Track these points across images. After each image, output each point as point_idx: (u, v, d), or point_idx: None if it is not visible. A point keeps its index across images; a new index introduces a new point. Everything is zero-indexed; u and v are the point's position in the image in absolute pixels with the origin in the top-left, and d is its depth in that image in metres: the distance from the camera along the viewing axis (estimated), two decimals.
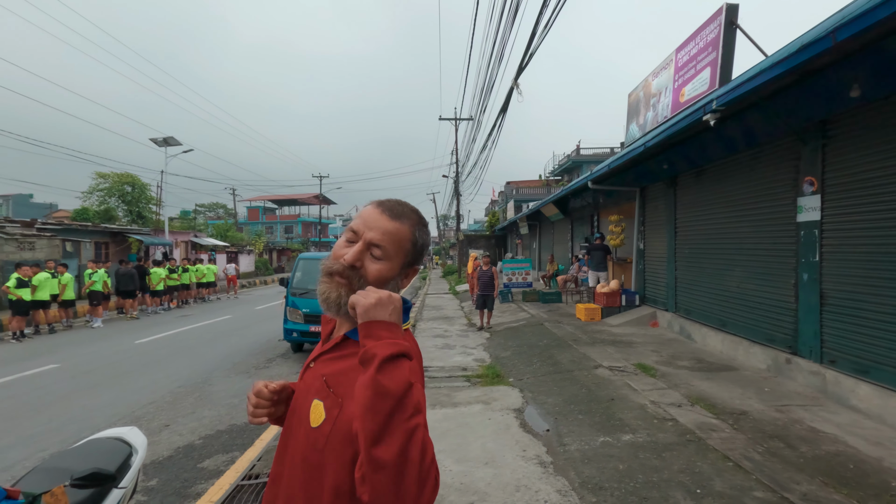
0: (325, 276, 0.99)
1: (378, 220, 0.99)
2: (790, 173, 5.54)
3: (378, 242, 0.98)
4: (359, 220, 1.01)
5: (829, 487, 3.09)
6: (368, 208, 1.03)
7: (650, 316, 9.37)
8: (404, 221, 1.02)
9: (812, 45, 3.66)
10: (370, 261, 0.98)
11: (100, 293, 12.06)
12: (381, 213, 1.01)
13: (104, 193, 27.32)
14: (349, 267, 0.96)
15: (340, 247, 1.00)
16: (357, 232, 0.99)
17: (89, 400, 5.75)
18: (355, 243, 0.99)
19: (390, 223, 1.00)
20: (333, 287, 0.97)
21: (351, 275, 0.97)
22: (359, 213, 1.03)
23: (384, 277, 0.99)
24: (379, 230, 0.98)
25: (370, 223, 0.99)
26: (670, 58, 9.05)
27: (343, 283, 0.97)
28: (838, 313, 4.85)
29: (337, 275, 0.98)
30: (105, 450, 2.36)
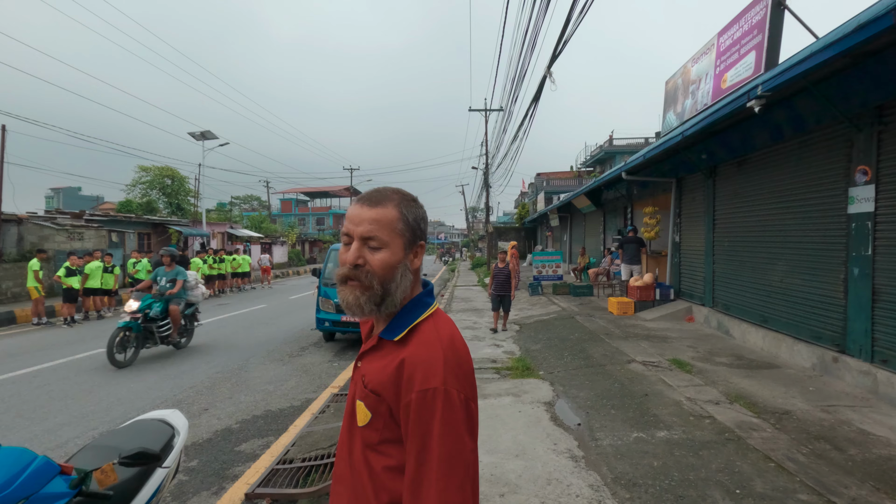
0: (339, 284, 1.03)
1: (361, 213, 1.02)
2: (841, 162, 5.24)
3: (369, 234, 1.00)
4: (346, 221, 1.04)
5: (880, 493, 2.94)
6: (351, 208, 1.05)
7: (686, 311, 9.10)
8: (386, 205, 1.04)
9: (870, 24, 3.43)
10: (370, 254, 1.00)
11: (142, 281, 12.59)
12: (362, 206, 1.03)
13: (146, 186, 28.49)
14: (353, 267, 1.00)
15: (342, 253, 1.03)
16: (349, 233, 1.02)
17: (135, 383, 6.03)
18: (350, 245, 1.02)
19: (372, 211, 1.02)
20: (349, 291, 1.01)
21: (358, 274, 1.00)
22: (346, 216, 1.05)
23: (389, 264, 1.01)
24: (365, 222, 1.01)
25: (355, 219, 1.02)
26: (711, 42, 8.67)
27: (356, 285, 1.00)
28: (893, 310, 4.58)
29: (348, 279, 1.01)
30: (150, 430, 2.46)
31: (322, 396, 5.58)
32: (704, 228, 8.58)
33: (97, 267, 11.45)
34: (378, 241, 1.01)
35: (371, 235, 1.00)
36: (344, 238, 1.04)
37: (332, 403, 5.15)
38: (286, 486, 3.44)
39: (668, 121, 10.90)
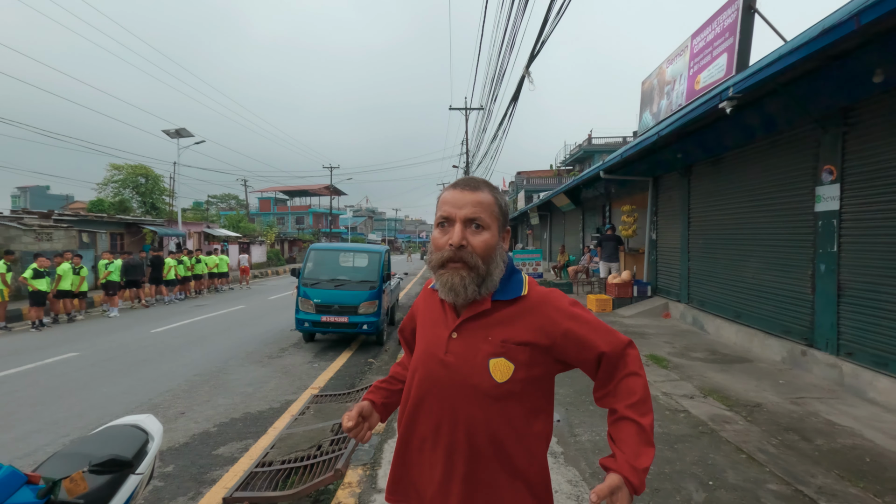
0: (438, 268, 1.08)
1: (462, 196, 1.08)
2: (809, 162, 5.42)
3: (473, 216, 1.06)
4: (445, 206, 1.09)
5: (845, 481, 3.06)
6: (448, 193, 1.11)
7: (662, 307, 9.29)
8: (483, 189, 1.11)
9: (835, 28, 3.55)
10: (472, 235, 1.06)
11: (116, 283, 12.28)
12: (462, 191, 1.09)
13: (119, 185, 27.68)
14: (458, 248, 1.05)
15: (438, 238, 1.09)
16: (449, 217, 1.07)
17: (109, 387, 5.87)
18: (450, 228, 1.08)
19: (473, 195, 1.08)
20: (453, 273, 1.06)
21: (462, 254, 1.05)
22: (441, 201, 1.11)
23: (490, 245, 1.08)
24: (468, 205, 1.07)
25: (457, 202, 1.07)
26: (685, 44, 8.85)
27: (459, 266, 1.06)
28: (856, 304, 4.76)
29: (450, 261, 1.06)
30: (123, 436, 2.40)
31: (302, 397, 5.53)
32: (680, 226, 8.77)
33: (67, 269, 11.11)
34: (481, 221, 1.07)
35: (474, 217, 1.06)
36: (440, 221, 1.09)
37: (312, 405, 5.10)
38: (265, 489, 3.40)
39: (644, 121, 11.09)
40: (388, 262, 9.39)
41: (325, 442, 4.02)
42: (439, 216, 1.09)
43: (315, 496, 3.38)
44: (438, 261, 1.08)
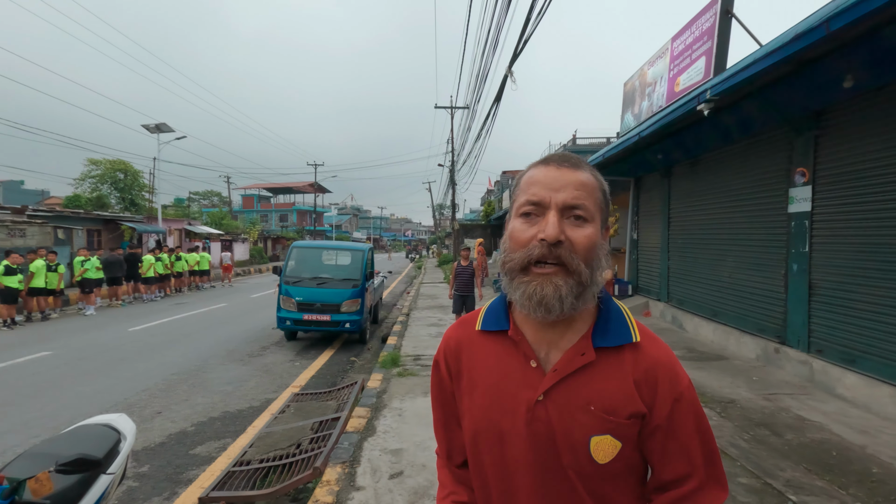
0: (520, 273, 0.79)
1: (563, 176, 0.79)
2: (783, 164, 5.55)
3: (576, 202, 0.77)
4: (534, 187, 0.80)
5: (812, 474, 3.15)
6: (540, 170, 0.82)
7: (643, 306, 9.42)
8: (585, 169, 0.82)
9: (806, 34, 3.64)
10: (572, 229, 0.77)
11: (92, 280, 12.00)
12: (561, 168, 0.80)
13: (96, 180, 27.04)
14: (554, 244, 0.75)
15: (522, 232, 0.79)
16: (540, 201, 0.78)
17: (83, 387, 5.75)
18: (538, 218, 0.78)
19: (576, 174, 0.80)
20: (545, 280, 0.76)
21: (560, 253, 0.75)
22: (528, 180, 0.82)
23: (595, 243, 0.79)
24: (570, 187, 0.78)
25: (555, 184, 0.78)
26: (666, 46, 9.00)
27: (555, 271, 0.76)
28: (826, 303, 4.90)
29: (540, 262, 0.77)
30: (93, 436, 2.36)
31: (283, 396, 5.49)
32: (660, 226, 8.90)
33: (41, 266, 10.83)
34: (585, 211, 0.78)
35: (578, 204, 0.78)
36: (526, 208, 0.80)
37: (293, 403, 5.07)
38: (243, 489, 3.37)
39: (626, 121, 11.23)
40: (372, 261, 9.36)
41: (305, 440, 4.00)
42: (524, 201, 0.80)
43: (293, 494, 3.36)
44: (522, 262, 0.78)
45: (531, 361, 0.83)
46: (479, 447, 0.87)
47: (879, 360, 4.24)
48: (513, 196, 0.86)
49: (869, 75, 4.16)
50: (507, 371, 0.85)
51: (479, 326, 0.91)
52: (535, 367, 0.83)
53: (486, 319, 0.91)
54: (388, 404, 4.71)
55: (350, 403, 4.75)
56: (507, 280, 0.83)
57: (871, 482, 3.04)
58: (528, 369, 0.83)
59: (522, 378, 0.83)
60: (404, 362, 6.28)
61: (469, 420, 0.88)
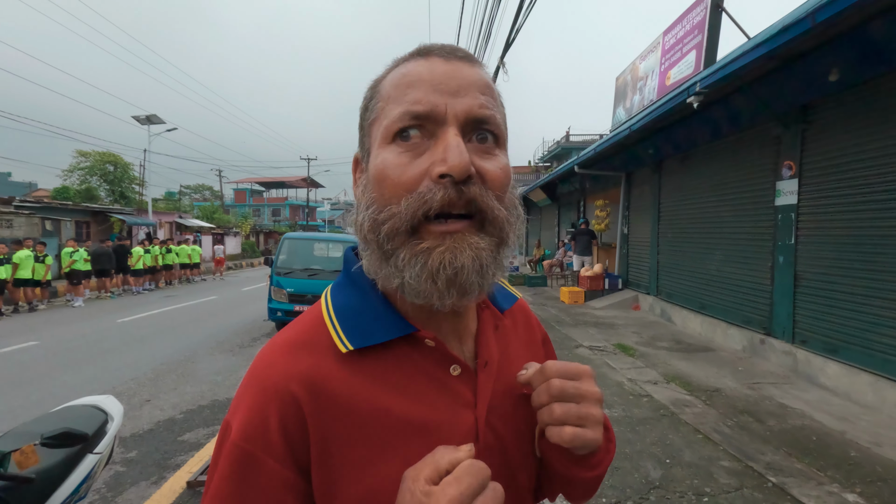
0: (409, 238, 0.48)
1: (458, 73, 0.50)
2: (771, 158, 5.62)
3: (484, 113, 0.50)
4: (417, 90, 0.49)
5: (791, 458, 3.22)
6: (419, 65, 0.51)
7: (633, 299, 9.51)
8: (482, 66, 0.55)
9: (792, 26, 3.69)
10: (482, 156, 0.50)
11: (81, 272, 11.89)
12: (451, 62, 0.51)
13: (85, 172, 26.75)
14: (464, 181, 0.47)
15: (402, 167, 0.48)
16: (431, 113, 0.48)
17: (70, 376, 5.71)
18: (425, 142, 0.49)
19: (477, 71, 0.53)
20: (457, 244, 0.47)
21: (474, 195, 0.48)
22: (402, 82, 0.51)
23: (510, 177, 0.53)
24: (475, 89, 0.50)
25: (450, 84, 0.49)
26: (657, 41, 9.05)
27: (465, 226, 0.48)
28: (811, 295, 4.98)
29: (445, 216, 0.48)
30: (80, 416, 2.36)
31: None
32: (651, 221, 8.97)
33: (26, 256, 10.70)
34: (496, 128, 0.52)
35: (487, 116, 0.50)
36: (408, 126, 0.49)
37: None
38: None
39: (618, 116, 11.29)
40: None
41: None
42: (402, 113, 0.49)
43: None
44: (413, 215, 0.47)
45: (451, 368, 0.55)
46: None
47: (860, 349, 4.33)
48: (368, 114, 0.54)
49: (853, 70, 4.22)
50: (424, 400, 0.53)
51: (350, 346, 0.52)
52: (458, 374, 0.55)
53: (356, 332, 0.53)
54: None
55: None
56: (377, 253, 0.51)
57: (848, 465, 3.12)
58: (451, 380, 0.55)
59: (448, 398, 0.54)
60: None
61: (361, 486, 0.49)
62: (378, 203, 0.49)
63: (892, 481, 2.92)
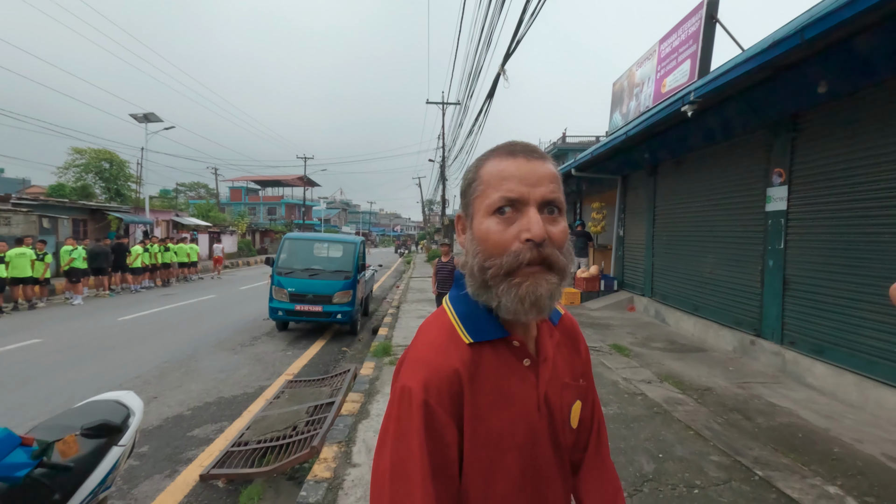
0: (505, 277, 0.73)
1: (536, 169, 0.75)
2: (762, 164, 5.80)
3: (552, 196, 0.74)
4: (508, 182, 0.74)
5: (778, 453, 3.38)
6: (509, 163, 0.75)
7: (628, 300, 9.69)
8: (550, 160, 0.78)
9: (782, 41, 3.86)
10: (550, 224, 0.74)
11: (80, 270, 11.94)
12: (531, 161, 0.75)
13: (80, 169, 26.64)
14: (539, 244, 0.72)
15: (500, 233, 0.73)
16: (519, 198, 0.73)
17: (74, 374, 5.80)
18: (516, 215, 0.74)
19: (548, 167, 0.77)
20: (537, 281, 0.72)
21: (547, 253, 0.72)
22: (498, 174, 0.75)
23: (566, 236, 0.77)
24: (546, 181, 0.74)
25: (531, 178, 0.74)
26: (654, 48, 9.23)
27: (540, 270, 0.73)
28: (799, 297, 5.16)
29: (530, 264, 0.72)
30: (105, 410, 2.48)
31: (276, 383, 5.61)
32: (646, 223, 9.15)
33: (17, 254, 10.70)
34: (559, 204, 0.76)
35: (554, 198, 0.75)
36: (500, 204, 0.74)
37: (287, 389, 5.20)
38: (242, 467, 3.51)
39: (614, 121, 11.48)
40: (364, 253, 9.48)
41: (301, 423, 4.14)
42: (499, 198, 0.73)
43: (290, 473, 3.50)
44: (511, 266, 0.72)
45: (524, 360, 0.81)
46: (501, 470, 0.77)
47: (846, 350, 4.51)
48: (471, 190, 0.79)
49: (841, 82, 4.40)
50: (509, 379, 0.80)
51: (471, 339, 0.78)
52: (528, 365, 0.82)
53: (473, 330, 0.79)
54: (381, 390, 4.87)
55: (344, 389, 4.90)
56: (481, 287, 0.76)
57: (832, 460, 3.29)
58: (523, 369, 0.81)
59: (523, 380, 0.81)
60: (395, 352, 6.43)
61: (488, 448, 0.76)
62: (483, 254, 0.75)
63: (870, 475, 3.09)
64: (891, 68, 3.94)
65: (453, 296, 0.85)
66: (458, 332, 0.79)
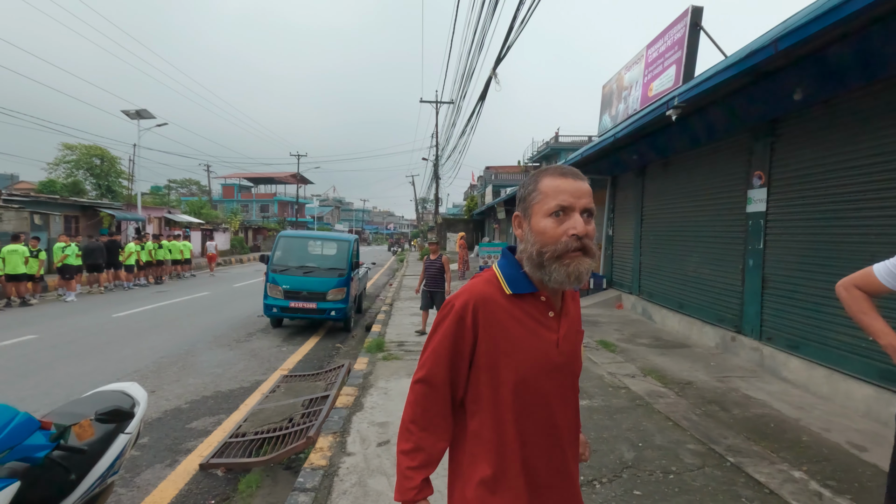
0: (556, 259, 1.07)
1: (581, 187, 1.10)
2: (743, 167, 6.01)
3: (590, 206, 1.10)
4: (562, 195, 1.08)
5: (750, 441, 3.58)
6: (562, 181, 1.10)
7: (616, 298, 9.90)
8: (587, 180, 1.14)
9: (758, 51, 4.05)
10: (587, 224, 1.08)
11: (73, 267, 11.96)
12: (577, 181, 1.11)
13: (71, 166, 26.51)
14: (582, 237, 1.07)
15: (552, 228, 1.08)
16: (569, 206, 1.07)
17: (73, 368, 5.90)
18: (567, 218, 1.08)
19: (587, 185, 1.12)
20: (582, 261, 1.08)
21: (586, 243, 1.08)
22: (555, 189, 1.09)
23: (595, 232, 1.13)
24: (586, 196, 1.10)
25: (577, 192, 1.08)
26: (641, 53, 9.43)
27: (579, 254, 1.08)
28: (776, 296, 5.38)
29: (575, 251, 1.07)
30: (112, 400, 2.61)
31: (272, 378, 5.75)
32: (634, 223, 9.37)
33: (12, 250, 10.72)
34: (593, 211, 1.11)
35: (591, 207, 1.10)
36: (555, 209, 1.08)
37: (283, 384, 5.34)
38: (240, 457, 3.65)
39: (603, 122, 11.68)
40: (357, 251, 9.61)
41: (297, 415, 4.29)
42: (555, 205, 1.08)
43: (287, 463, 3.65)
44: (562, 250, 1.06)
45: (549, 312, 1.16)
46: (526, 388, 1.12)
47: (818, 345, 4.73)
48: (531, 198, 1.13)
49: (815, 90, 4.60)
50: (536, 323, 1.14)
51: (511, 290, 1.14)
52: (552, 316, 1.16)
53: (513, 285, 1.14)
54: (375, 384, 5.02)
55: (338, 384, 5.05)
56: (537, 266, 1.10)
57: (800, 447, 3.49)
58: (547, 318, 1.16)
59: (546, 325, 1.15)
60: (389, 348, 6.59)
61: (513, 369, 1.11)
62: (540, 243, 1.09)
63: (834, 461, 3.30)
64: (859, 77, 4.14)
65: (501, 263, 1.20)
66: (501, 284, 1.15)
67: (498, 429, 1.14)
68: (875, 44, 3.86)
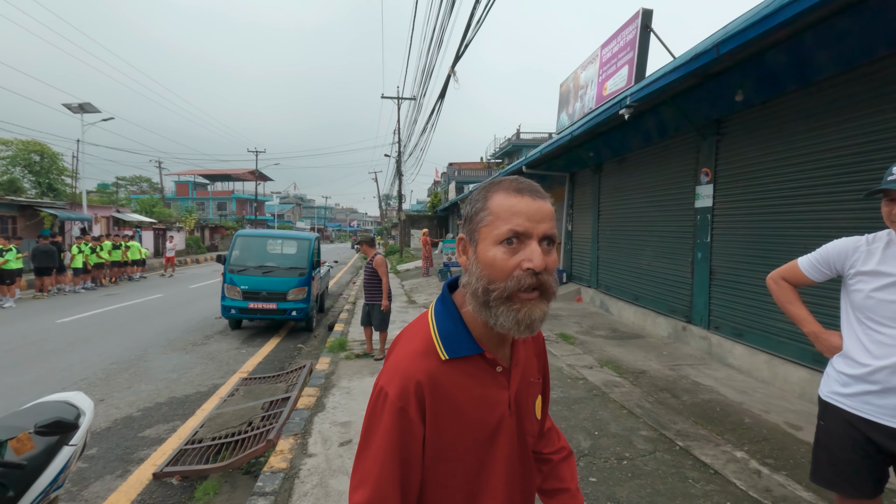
0: (503, 301, 0.82)
1: (540, 208, 0.84)
2: (692, 164, 6.29)
3: (551, 232, 0.83)
4: (517, 217, 0.82)
5: (698, 425, 3.78)
6: (518, 200, 0.84)
7: (575, 292, 10.17)
8: (549, 198, 0.88)
9: (702, 54, 4.25)
10: (546, 255, 0.83)
11: (13, 271, 11.21)
12: (536, 200, 0.84)
13: (7, 162, 24.75)
14: (538, 273, 0.81)
15: (505, 261, 0.81)
16: (525, 232, 0.81)
17: (13, 378, 5.56)
18: (520, 246, 0.82)
19: (548, 205, 0.86)
20: (533, 307, 0.82)
21: (543, 280, 0.82)
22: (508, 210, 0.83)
23: (556, 264, 0.90)
24: (547, 219, 0.84)
25: (537, 216, 0.83)
26: (596, 53, 9.69)
27: (537, 295, 0.82)
28: (723, 286, 5.68)
29: (529, 290, 0.81)
30: (56, 410, 2.49)
31: (230, 381, 5.60)
32: (591, 218, 9.64)
33: None
34: (555, 237, 0.85)
35: (552, 234, 0.84)
36: (509, 237, 0.82)
37: (242, 387, 5.22)
38: (196, 464, 3.55)
39: (561, 121, 11.93)
40: (318, 250, 9.46)
41: (256, 418, 4.21)
42: (508, 230, 0.82)
43: (246, 467, 3.58)
44: (512, 289, 0.81)
45: (497, 368, 0.92)
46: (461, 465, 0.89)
47: (759, 333, 5.03)
48: (479, 218, 0.87)
49: (755, 92, 4.88)
50: (483, 386, 0.90)
51: (448, 356, 0.88)
52: (500, 371, 0.92)
53: (451, 348, 0.89)
54: (337, 384, 4.98)
55: (299, 384, 4.98)
56: (482, 306, 0.84)
57: (742, 429, 3.72)
58: (496, 375, 0.92)
59: (495, 384, 0.91)
60: (352, 346, 6.54)
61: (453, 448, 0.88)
62: (487, 278, 0.83)
63: (772, 440, 3.53)
64: (794, 81, 4.42)
65: (438, 310, 0.95)
66: (436, 347, 0.89)
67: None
68: (808, 49, 4.13)
